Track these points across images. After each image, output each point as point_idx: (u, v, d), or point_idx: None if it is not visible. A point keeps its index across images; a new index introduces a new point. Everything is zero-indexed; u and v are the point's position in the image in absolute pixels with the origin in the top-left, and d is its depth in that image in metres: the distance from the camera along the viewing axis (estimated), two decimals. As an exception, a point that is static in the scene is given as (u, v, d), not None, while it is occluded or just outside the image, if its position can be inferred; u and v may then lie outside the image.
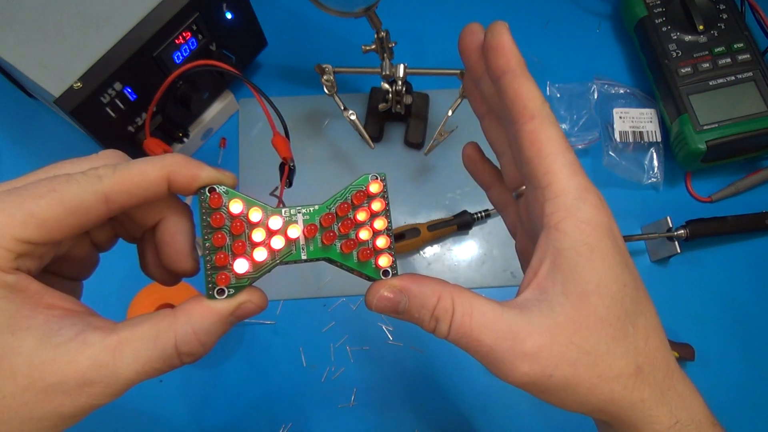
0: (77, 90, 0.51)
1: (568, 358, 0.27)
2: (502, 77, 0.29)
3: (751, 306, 0.63)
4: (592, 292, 0.27)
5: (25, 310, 0.24)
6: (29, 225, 0.24)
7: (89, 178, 0.25)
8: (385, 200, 0.30)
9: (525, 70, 0.29)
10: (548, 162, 0.28)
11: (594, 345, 0.27)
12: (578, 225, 0.27)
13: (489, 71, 0.30)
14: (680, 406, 0.29)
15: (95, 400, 0.24)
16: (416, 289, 0.29)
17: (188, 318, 0.26)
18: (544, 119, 0.29)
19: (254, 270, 0.28)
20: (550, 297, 0.28)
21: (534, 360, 0.27)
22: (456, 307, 0.28)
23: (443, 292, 0.29)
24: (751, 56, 0.64)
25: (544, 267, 0.28)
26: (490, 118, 0.35)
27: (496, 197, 0.38)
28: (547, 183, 0.28)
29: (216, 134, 0.69)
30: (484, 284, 0.64)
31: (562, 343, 0.27)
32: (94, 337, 0.24)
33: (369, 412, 0.59)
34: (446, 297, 0.29)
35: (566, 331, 0.27)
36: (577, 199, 0.28)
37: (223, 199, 0.28)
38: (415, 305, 0.29)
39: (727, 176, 0.67)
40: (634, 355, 0.28)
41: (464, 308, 0.28)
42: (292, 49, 0.73)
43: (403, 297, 0.29)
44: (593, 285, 0.27)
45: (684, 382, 0.30)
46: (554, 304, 0.27)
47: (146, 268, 0.31)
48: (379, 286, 0.29)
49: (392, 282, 0.29)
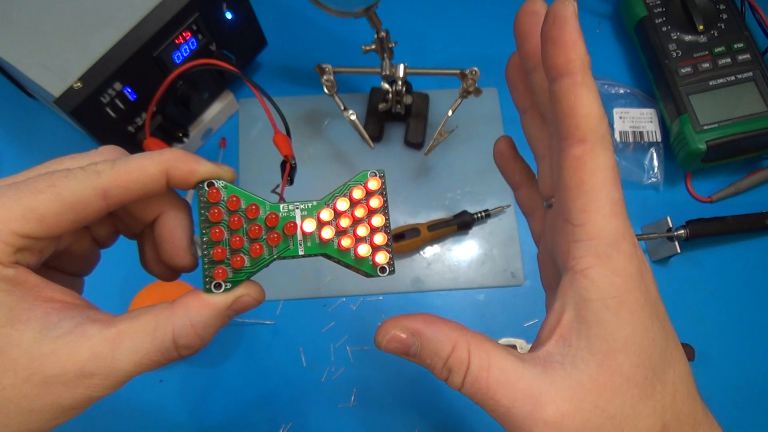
0: (77, 90, 0.51)
1: (592, 425, 0.25)
2: (558, 80, 0.25)
3: (751, 306, 0.63)
4: (619, 350, 0.25)
5: (24, 303, 0.24)
6: (28, 219, 0.24)
7: (88, 174, 0.25)
8: (384, 197, 0.30)
9: (587, 77, 0.25)
10: (587, 198, 0.25)
11: (619, 408, 0.25)
12: (608, 276, 0.25)
13: (544, 65, 0.26)
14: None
15: (94, 391, 0.24)
16: (430, 334, 0.27)
17: (186, 311, 0.27)
18: (595, 145, 0.25)
19: (252, 264, 0.28)
20: (574, 352, 0.25)
21: (555, 429, 0.25)
22: (472, 358, 0.26)
23: (459, 340, 0.27)
24: (751, 56, 0.64)
25: (568, 315, 0.26)
26: (534, 115, 0.31)
27: (525, 199, 0.35)
28: (581, 222, 0.25)
29: (216, 134, 0.69)
30: (484, 284, 0.64)
31: (586, 408, 0.25)
32: (92, 330, 0.25)
33: (369, 412, 0.59)
34: (462, 346, 0.26)
35: (591, 393, 0.25)
36: (610, 246, 0.25)
37: (222, 194, 0.28)
38: (427, 351, 0.27)
39: (727, 176, 0.67)
40: (661, 413, 0.26)
41: (481, 361, 0.26)
42: (292, 49, 0.73)
43: (416, 340, 0.27)
44: (620, 342, 0.25)
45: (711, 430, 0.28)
46: (578, 361, 0.25)
47: (146, 264, 0.31)
48: (390, 325, 0.28)
49: (405, 323, 0.27)
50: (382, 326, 0.28)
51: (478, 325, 0.62)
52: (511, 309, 0.63)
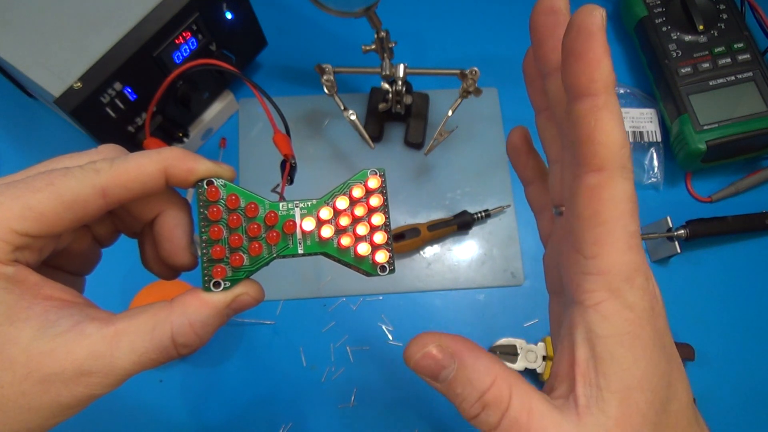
0: (77, 90, 0.51)
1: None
2: (578, 101, 0.23)
3: (751, 306, 0.63)
4: (635, 388, 0.24)
5: (23, 301, 0.24)
6: (27, 218, 0.24)
7: (86, 172, 0.25)
8: (384, 196, 0.29)
9: (611, 99, 0.23)
10: (602, 231, 0.23)
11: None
12: (621, 312, 0.24)
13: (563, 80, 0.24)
14: None
15: (93, 390, 0.24)
16: (470, 361, 0.25)
17: (184, 310, 0.26)
18: (613, 174, 0.23)
19: (251, 263, 0.28)
20: (596, 393, 0.24)
21: None
22: (513, 399, 0.24)
23: (500, 376, 0.25)
24: (751, 56, 0.64)
25: (582, 353, 0.25)
26: (549, 117, 0.30)
27: (535, 197, 0.33)
28: (594, 255, 0.24)
29: (216, 134, 0.69)
30: (484, 284, 0.63)
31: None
32: (91, 328, 0.25)
33: (369, 412, 0.59)
34: (503, 383, 0.25)
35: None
36: (624, 281, 0.24)
37: (221, 192, 0.28)
38: (461, 379, 0.25)
39: (727, 176, 0.67)
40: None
41: (523, 403, 0.24)
42: (292, 49, 0.73)
43: (453, 363, 0.25)
44: (636, 380, 0.24)
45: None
46: (602, 402, 0.24)
47: (146, 263, 0.31)
48: (427, 339, 0.26)
49: (445, 341, 0.26)
50: (418, 339, 0.26)
51: (478, 325, 0.62)
52: (511, 309, 0.63)
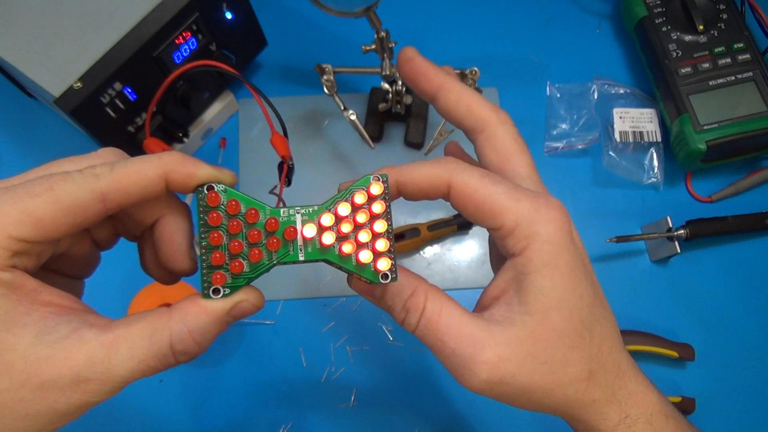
0: (77, 90, 0.51)
1: (526, 369, 0.28)
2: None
3: (752, 306, 0.63)
4: (553, 308, 0.28)
5: (21, 308, 0.24)
6: (25, 223, 0.24)
7: (86, 177, 0.25)
8: (386, 202, 0.29)
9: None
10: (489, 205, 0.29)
11: (551, 355, 0.29)
12: (540, 248, 0.28)
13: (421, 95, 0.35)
14: (630, 403, 0.31)
15: (90, 397, 0.24)
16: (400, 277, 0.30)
17: (183, 317, 0.26)
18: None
19: (251, 270, 0.28)
20: (514, 315, 0.29)
21: (493, 369, 0.28)
22: (427, 304, 0.30)
23: (419, 287, 0.30)
24: (751, 56, 0.64)
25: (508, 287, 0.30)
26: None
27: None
28: (499, 225, 0.29)
29: (216, 134, 0.69)
30: (484, 284, 0.63)
31: (521, 355, 0.28)
32: (89, 334, 0.24)
33: (369, 412, 0.59)
34: (420, 292, 0.30)
35: (526, 343, 0.28)
36: (532, 223, 0.28)
37: (221, 198, 0.28)
38: (390, 293, 0.30)
39: (727, 176, 0.67)
40: (588, 362, 0.29)
41: (434, 307, 0.30)
42: (292, 49, 0.73)
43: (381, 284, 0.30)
44: (554, 301, 0.28)
45: (636, 380, 0.31)
46: (517, 320, 0.29)
47: (145, 267, 0.31)
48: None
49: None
50: None
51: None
52: (511, 309, 0.63)
